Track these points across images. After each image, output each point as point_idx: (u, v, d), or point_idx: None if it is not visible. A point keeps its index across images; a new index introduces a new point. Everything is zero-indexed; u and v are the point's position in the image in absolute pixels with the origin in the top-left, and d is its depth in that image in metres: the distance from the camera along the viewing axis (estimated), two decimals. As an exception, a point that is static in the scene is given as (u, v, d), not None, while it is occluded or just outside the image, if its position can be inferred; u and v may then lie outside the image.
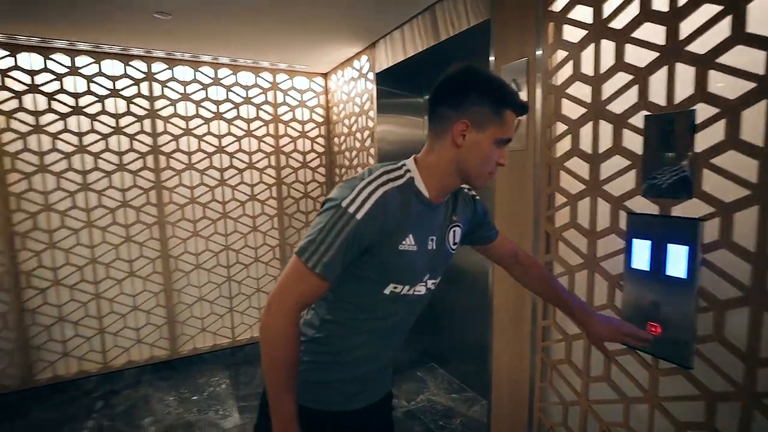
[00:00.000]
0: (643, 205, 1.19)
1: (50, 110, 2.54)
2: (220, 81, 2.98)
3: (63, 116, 2.58)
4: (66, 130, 2.59)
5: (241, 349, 3.20)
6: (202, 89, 2.93)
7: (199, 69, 2.90)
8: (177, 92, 2.86)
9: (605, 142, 1.27)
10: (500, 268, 1.67)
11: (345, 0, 1.91)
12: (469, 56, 2.17)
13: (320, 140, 3.41)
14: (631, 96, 1.19)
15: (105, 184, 2.72)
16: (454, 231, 0.99)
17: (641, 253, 1.18)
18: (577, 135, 1.36)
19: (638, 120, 1.17)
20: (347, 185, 0.83)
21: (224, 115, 3.02)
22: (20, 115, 2.49)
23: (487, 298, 1.79)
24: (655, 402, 1.19)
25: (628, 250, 1.21)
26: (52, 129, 2.56)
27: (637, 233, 1.18)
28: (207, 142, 2.98)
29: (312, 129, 3.37)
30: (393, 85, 2.67)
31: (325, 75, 3.35)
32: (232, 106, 3.04)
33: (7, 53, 2.42)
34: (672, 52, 1.09)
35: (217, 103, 2.99)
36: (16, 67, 2.45)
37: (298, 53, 2.77)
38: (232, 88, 3.02)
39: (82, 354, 2.78)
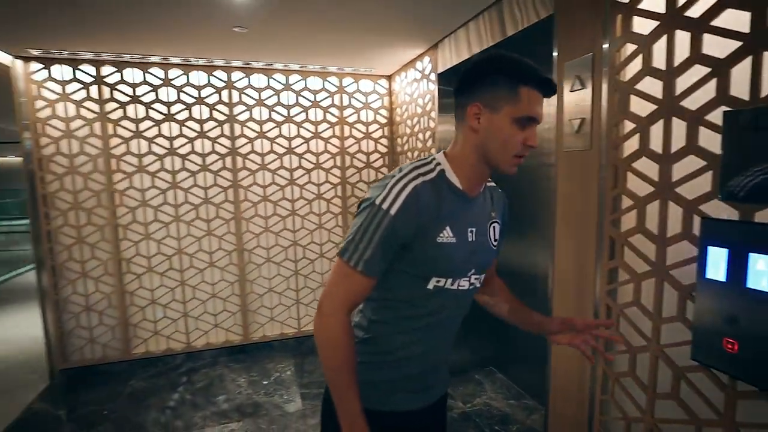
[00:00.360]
0: (719, 209, 1.09)
1: (147, 118, 2.89)
2: (291, 87, 3.17)
3: (157, 123, 2.91)
4: (160, 135, 2.93)
5: (306, 339, 3.39)
6: (274, 95, 3.14)
7: (272, 76, 3.11)
8: (252, 98, 3.09)
9: (678, 141, 1.18)
10: (560, 274, 1.62)
11: (410, 2, 1.94)
12: (533, 52, 2.10)
13: (383, 141, 3.49)
14: (709, 90, 1.09)
15: (190, 182, 3.03)
16: (494, 227, 0.98)
17: (717, 263, 1.07)
18: (646, 134, 1.27)
19: (717, 116, 1.07)
20: (380, 185, 0.85)
21: (294, 119, 3.21)
22: (124, 122, 2.86)
23: (548, 304, 1.73)
24: (731, 427, 1.08)
25: (701, 259, 1.10)
26: (148, 134, 2.91)
27: (713, 240, 1.08)
28: (278, 144, 3.19)
29: (376, 130, 3.46)
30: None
31: (389, 77, 3.42)
32: (301, 109, 3.22)
33: (115, 69, 2.80)
34: (758, 40, 0.98)
35: (288, 107, 3.18)
36: (122, 81, 2.82)
37: (363, 57, 2.86)
38: (301, 93, 3.20)
39: (169, 334, 3.12)
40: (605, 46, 1.37)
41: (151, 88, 2.88)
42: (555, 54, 1.61)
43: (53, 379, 2.91)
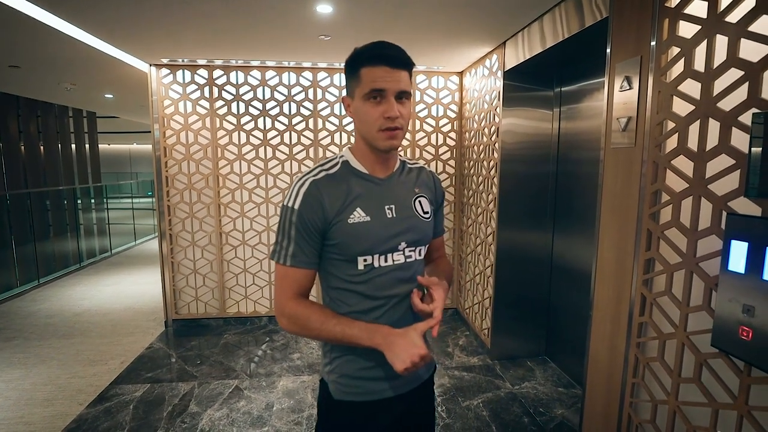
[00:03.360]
0: (747, 206, 1.15)
1: (247, 113, 3.39)
2: (368, 84, 3.47)
3: (255, 117, 3.40)
4: (256, 128, 3.42)
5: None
6: (353, 92, 3.47)
7: (352, 75, 3.44)
8: (334, 95, 3.46)
9: (712, 141, 1.24)
10: (602, 263, 1.72)
11: (482, 6, 2.10)
12: (601, 51, 2.14)
13: (452, 135, 3.67)
14: (742, 93, 1.15)
15: (279, 169, 3.49)
16: (420, 201, 1.02)
17: (738, 256, 1.14)
18: (685, 133, 1.34)
19: (748, 118, 1.13)
20: (289, 187, 0.97)
21: (369, 114, 3.52)
22: (229, 117, 3.38)
23: (590, 291, 1.83)
24: (743, 410, 1.15)
25: (725, 252, 1.18)
26: (247, 127, 3.41)
27: (736, 235, 1.15)
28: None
29: (445, 124, 3.64)
30: (522, 80, 2.75)
31: (460, 73, 3.57)
32: (376, 105, 3.51)
33: (223, 73, 3.32)
34: (788, 47, 1.04)
35: (364, 103, 3.49)
36: (228, 83, 3.34)
37: (436, 55, 3.06)
38: (377, 90, 3.49)
39: (256, 299, 3.64)
40: (652, 48, 1.45)
41: (250, 88, 3.36)
42: (608, 54, 1.69)
43: (167, 327, 3.57)
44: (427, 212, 1.03)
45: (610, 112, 1.68)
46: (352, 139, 3.48)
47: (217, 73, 3.32)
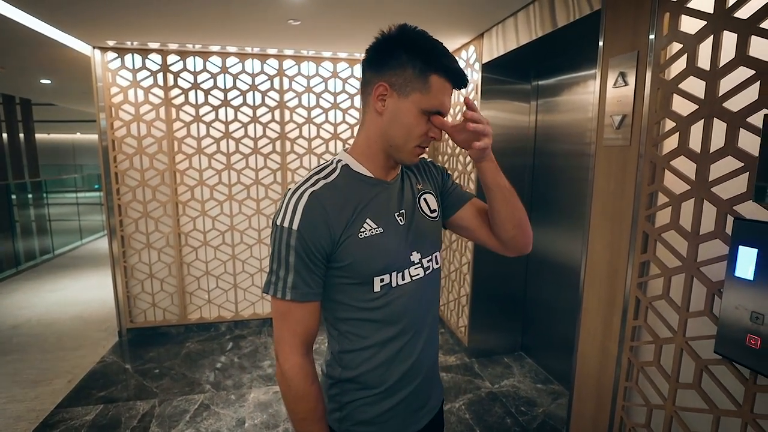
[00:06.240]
0: (755, 211, 1.11)
1: (207, 103, 3.12)
2: (338, 74, 3.29)
3: (215, 108, 3.14)
4: (217, 119, 3.15)
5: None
6: (322, 82, 3.27)
7: (321, 64, 3.24)
8: (302, 85, 3.25)
9: (717, 142, 1.20)
10: (593, 264, 1.68)
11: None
12: (580, 45, 2.10)
13: (425, 128, 3.55)
14: (752, 93, 1.10)
15: (243, 165, 3.25)
16: (425, 199, 0.90)
17: (746, 262, 1.11)
18: (686, 133, 1.29)
19: (758, 119, 1.09)
20: (280, 202, 0.77)
21: (340, 105, 3.34)
22: (186, 107, 3.10)
23: (578, 292, 1.78)
24: (748, 418, 1.13)
25: (732, 258, 1.14)
26: (207, 119, 3.14)
27: (744, 240, 1.11)
28: (325, 130, 3.34)
29: (418, 117, 3.52)
30: (499, 72, 2.68)
31: (433, 65, 3.46)
32: (348, 96, 3.34)
33: (179, 58, 3.02)
34: (803, 45, 0.99)
35: (335, 94, 3.31)
36: (185, 69, 3.05)
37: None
38: (348, 81, 3.32)
39: (220, 303, 3.41)
40: (651, 43, 1.39)
41: (210, 76, 3.09)
42: (600, 49, 1.63)
43: (121, 337, 3.27)
44: (434, 210, 0.91)
45: (602, 109, 1.62)
46: (321, 132, 3.31)
47: (171, 58, 3.02)
